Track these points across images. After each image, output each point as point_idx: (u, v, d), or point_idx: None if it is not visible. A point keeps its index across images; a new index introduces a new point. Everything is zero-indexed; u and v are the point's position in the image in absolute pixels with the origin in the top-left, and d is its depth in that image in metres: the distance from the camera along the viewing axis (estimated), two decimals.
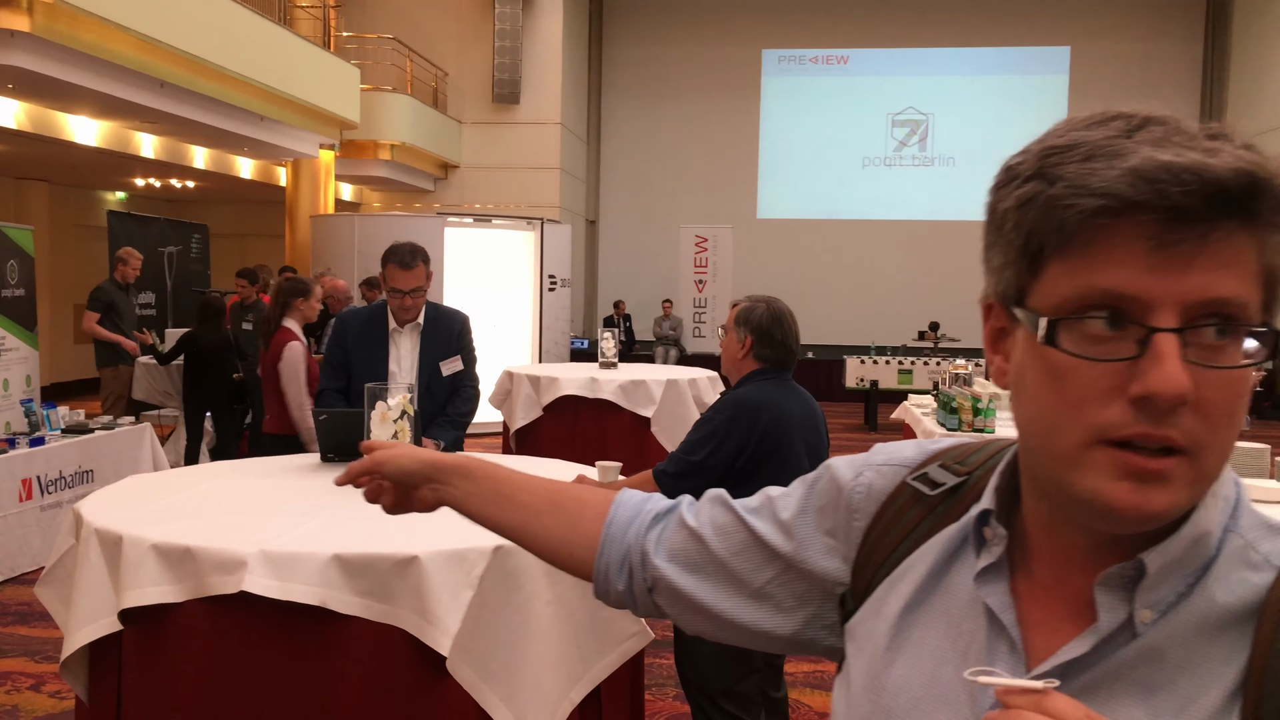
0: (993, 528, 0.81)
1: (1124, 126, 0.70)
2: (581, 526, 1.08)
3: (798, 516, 0.97)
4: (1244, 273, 0.68)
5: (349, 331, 3.88)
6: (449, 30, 16.47)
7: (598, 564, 1.06)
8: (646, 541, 1.04)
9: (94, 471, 6.26)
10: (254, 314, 8.68)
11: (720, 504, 1.03)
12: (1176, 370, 0.66)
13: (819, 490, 0.97)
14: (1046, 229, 0.71)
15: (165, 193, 16.11)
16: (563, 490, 1.12)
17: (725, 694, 2.82)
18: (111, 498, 2.71)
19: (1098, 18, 18.06)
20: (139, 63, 8.34)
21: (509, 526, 1.11)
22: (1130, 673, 0.72)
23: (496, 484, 1.12)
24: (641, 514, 1.07)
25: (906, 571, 0.88)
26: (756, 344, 2.92)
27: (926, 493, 0.90)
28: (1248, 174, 0.66)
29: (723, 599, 0.99)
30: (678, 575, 1.01)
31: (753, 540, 0.99)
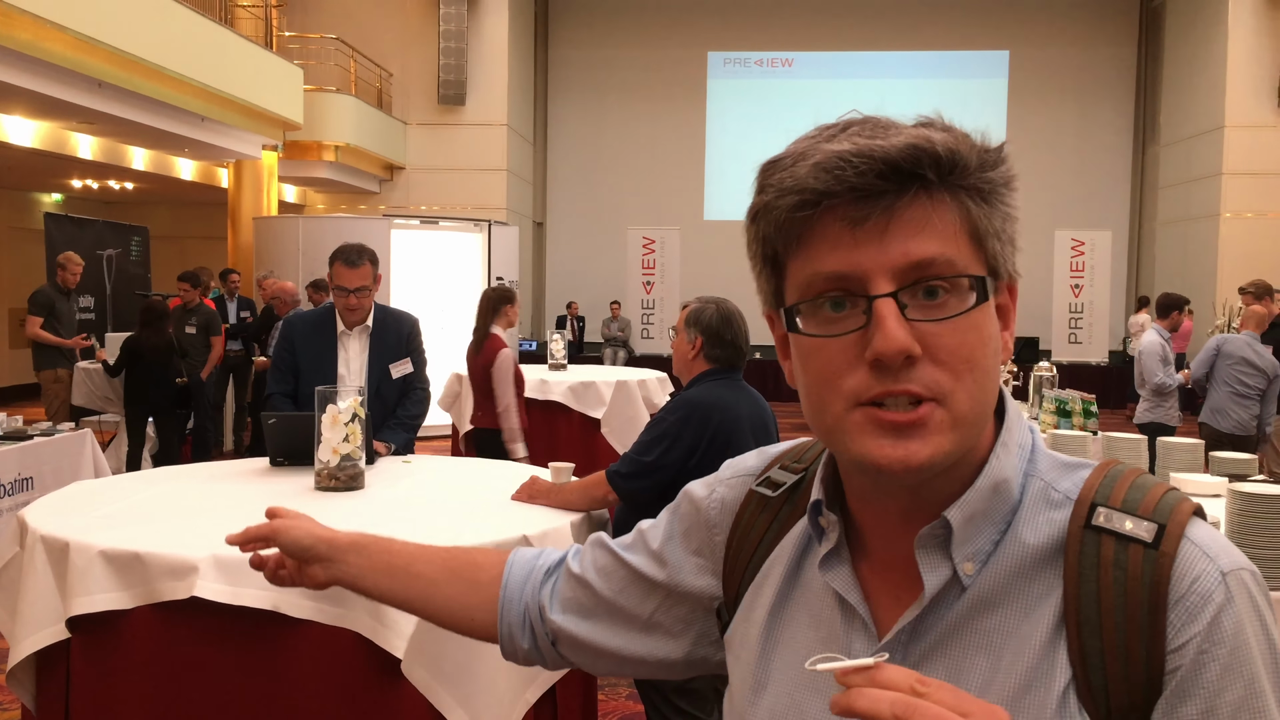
0: (825, 516, 0.85)
1: (829, 132, 0.78)
2: (480, 591, 1.09)
3: (666, 543, 1.02)
4: (945, 234, 0.75)
5: (296, 335, 3.84)
6: (393, 30, 16.34)
7: (500, 626, 1.08)
8: (542, 596, 1.07)
9: (34, 479, 6.12)
10: (197, 317, 8.56)
11: (599, 546, 1.07)
12: (894, 329, 0.73)
13: (681, 515, 1.02)
14: (772, 233, 0.79)
15: (103, 194, 15.80)
16: (457, 556, 1.12)
17: (678, 691, 2.84)
18: (57, 504, 2.67)
19: (1036, 24, 18.42)
20: (76, 62, 8.17)
21: (408, 598, 1.10)
22: (968, 624, 0.77)
23: (390, 556, 1.11)
24: (534, 570, 1.09)
25: (766, 575, 0.92)
26: (707, 345, 2.95)
27: (770, 495, 0.95)
28: (915, 148, 0.73)
29: (617, 638, 1.03)
30: (574, 624, 1.05)
31: (632, 575, 1.03)
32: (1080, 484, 0.79)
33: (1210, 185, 15.53)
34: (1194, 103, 16.21)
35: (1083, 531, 0.76)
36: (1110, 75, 18.48)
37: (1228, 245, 15.22)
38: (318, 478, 2.89)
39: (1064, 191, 18.46)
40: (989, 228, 0.78)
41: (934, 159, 0.74)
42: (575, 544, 1.11)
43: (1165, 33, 17.55)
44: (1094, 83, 18.48)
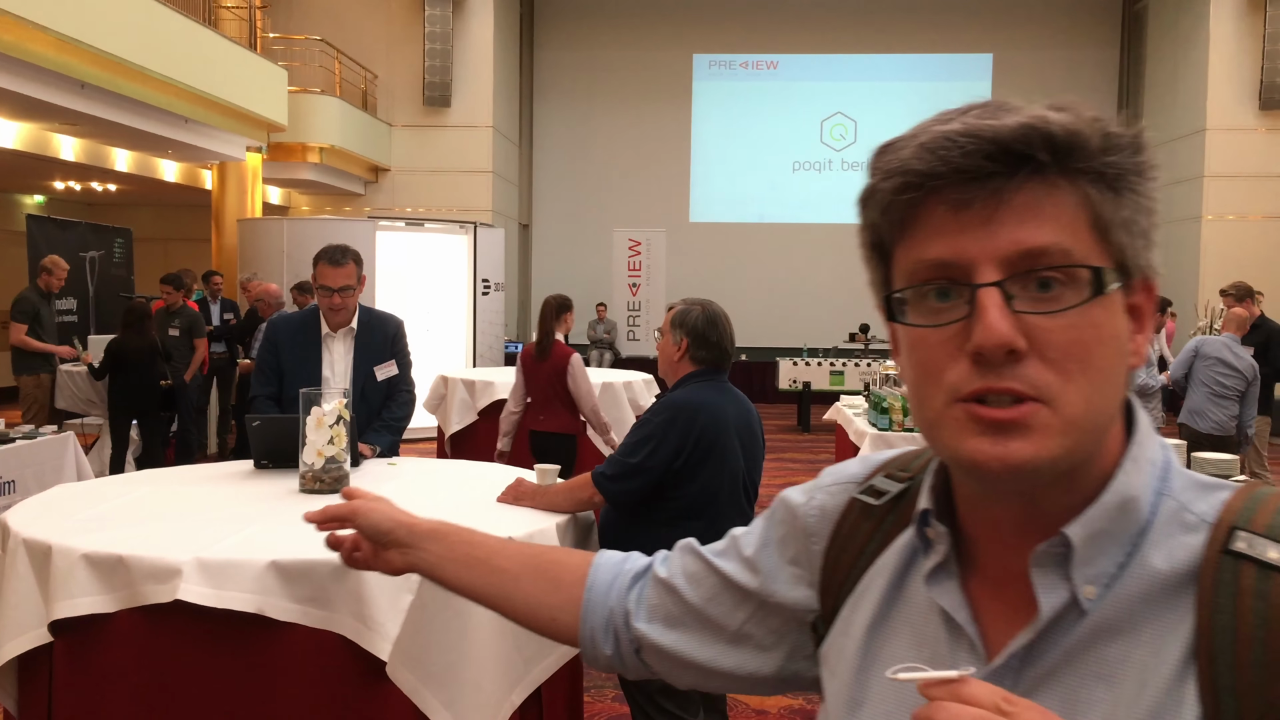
0: (933, 527, 0.79)
1: (948, 115, 0.74)
2: (562, 590, 1.06)
3: (760, 550, 0.97)
4: (1061, 221, 0.70)
5: (280, 337, 3.83)
6: (378, 32, 16.31)
7: (582, 630, 1.04)
8: (628, 602, 1.03)
9: (15, 482, 6.08)
10: (180, 320, 8.52)
11: (689, 552, 1.02)
12: (996, 320, 0.68)
13: (777, 521, 0.97)
14: (877, 218, 0.76)
15: (86, 196, 15.71)
16: (540, 553, 1.10)
17: (664, 692, 2.85)
18: (40, 507, 2.65)
19: (1019, 26, 18.53)
20: (58, 63, 8.13)
21: (486, 593, 1.07)
22: (1086, 653, 0.71)
23: (470, 548, 1.09)
24: (620, 574, 1.05)
25: (867, 587, 0.87)
26: (692, 346, 2.96)
27: (873, 504, 0.89)
28: (1028, 128, 0.69)
29: (705, 649, 0.99)
30: (659, 634, 1.00)
31: (722, 583, 0.98)
32: (1219, 506, 0.72)
33: (1192, 188, 15.65)
34: (1176, 106, 16.33)
35: (1220, 557, 0.70)
36: (1093, 78, 18.61)
37: (1210, 247, 15.34)
38: (302, 480, 2.88)
39: None
40: (1115, 217, 0.71)
41: (1048, 140, 0.69)
42: (663, 550, 1.06)
43: (1147, 36, 17.68)
44: (1077, 86, 18.58)
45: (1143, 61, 17.84)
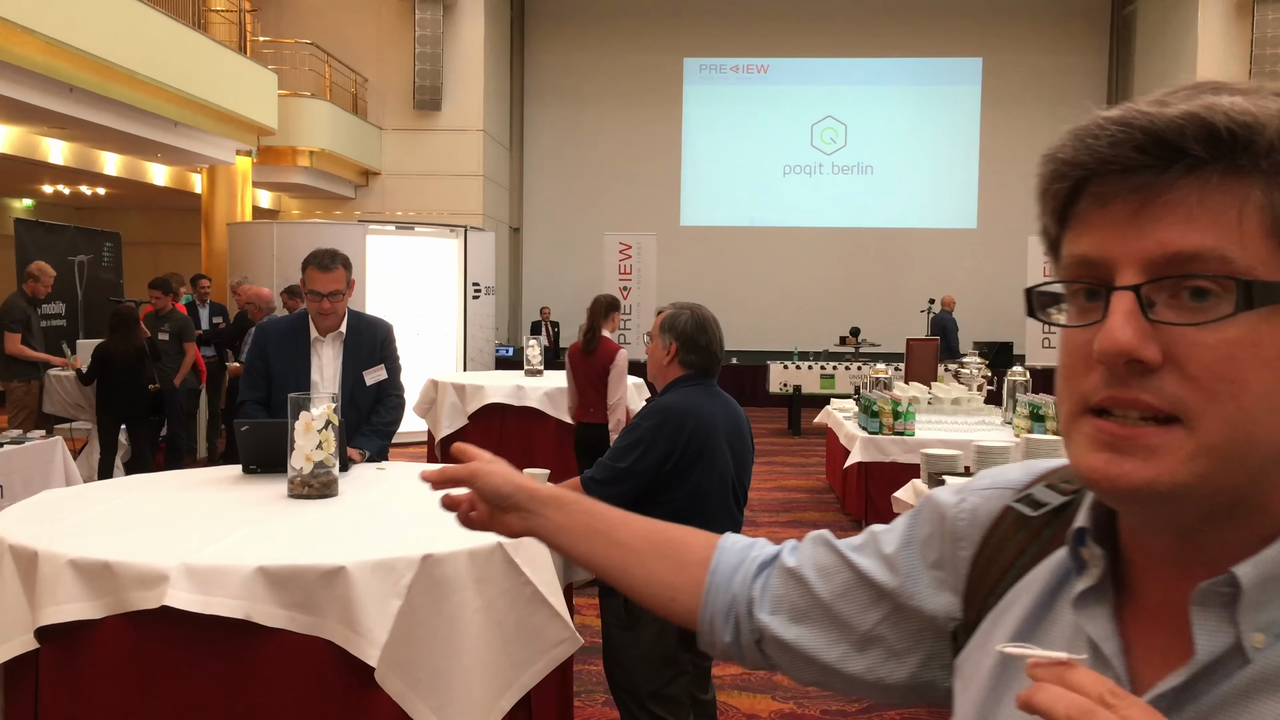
0: (1089, 547, 0.72)
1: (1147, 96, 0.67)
2: (685, 571, 1.03)
3: (902, 550, 0.92)
4: (1222, 223, 0.62)
5: (269, 341, 3.82)
6: (369, 36, 16.29)
7: (702, 614, 1.01)
8: (753, 590, 0.99)
9: (3, 487, 6.05)
10: (169, 324, 8.49)
11: (822, 544, 0.98)
12: (1118, 326, 0.63)
13: (922, 520, 0.91)
14: (1040, 208, 0.72)
15: (75, 200, 15.66)
16: (662, 530, 1.07)
17: (654, 697, 2.85)
18: (25, 513, 2.64)
19: (1008, 31, 18.61)
20: (46, 66, 8.10)
21: (606, 565, 1.06)
22: (1245, 704, 0.63)
23: (591, 518, 1.07)
24: (746, 561, 1.01)
25: (1013, 602, 0.80)
26: (681, 350, 2.96)
27: (1030, 515, 0.82)
28: (1189, 116, 0.62)
29: (831, 648, 0.94)
30: (783, 627, 0.96)
31: (857, 579, 0.93)
32: None
33: None
34: None
35: None
36: (1082, 82, 18.68)
37: None
38: (291, 485, 2.87)
39: None
40: None
41: (1209, 132, 0.62)
42: (790, 540, 1.03)
43: (1136, 40, 17.77)
44: (1066, 89, 18.66)
45: (1131, 65, 17.93)
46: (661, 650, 2.83)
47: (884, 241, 18.87)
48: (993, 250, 18.55)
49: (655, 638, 2.82)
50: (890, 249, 18.80)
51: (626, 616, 2.86)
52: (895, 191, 18.96)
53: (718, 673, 3.94)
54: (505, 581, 2.41)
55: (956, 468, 4.38)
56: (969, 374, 7.32)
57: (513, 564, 2.42)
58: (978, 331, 16.89)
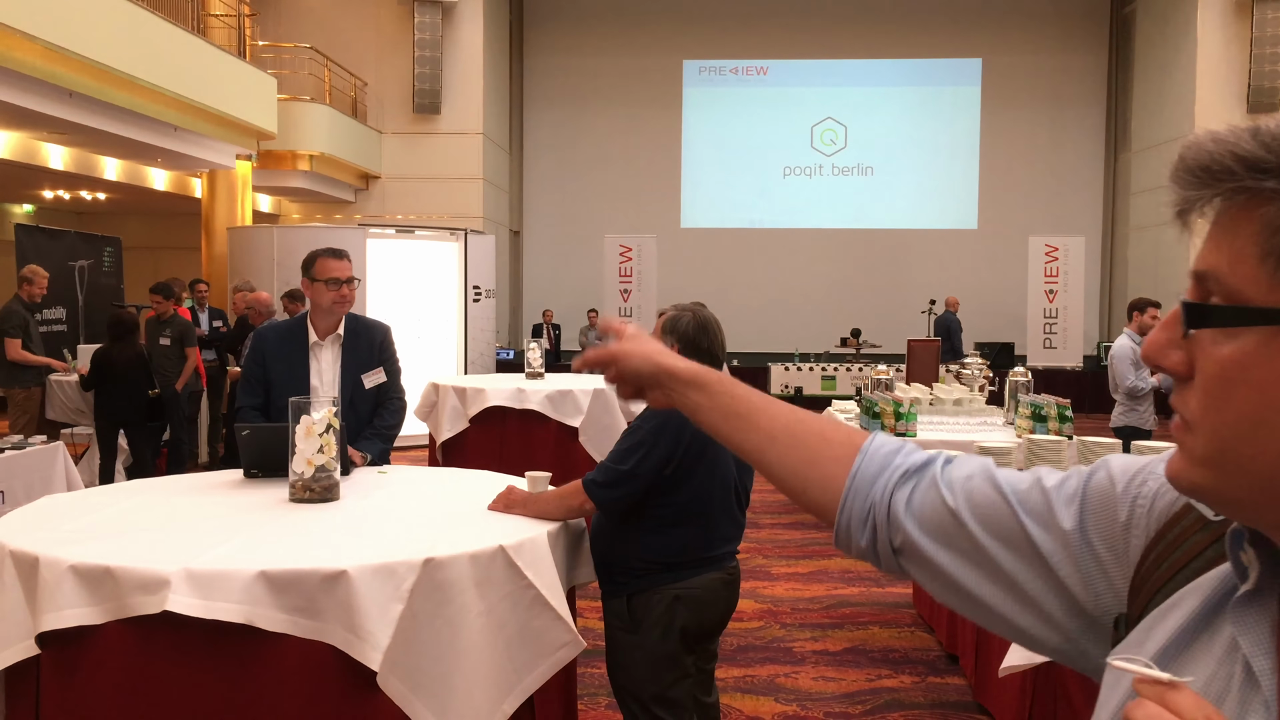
0: (1246, 551, 0.70)
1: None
2: (819, 466, 1.04)
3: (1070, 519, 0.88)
4: (1232, 246, 0.66)
5: (268, 347, 3.80)
6: (368, 40, 16.30)
7: (840, 516, 1.01)
8: (895, 501, 0.98)
9: (4, 493, 6.05)
10: (171, 328, 8.48)
11: (986, 479, 0.94)
12: (1154, 334, 0.71)
13: (1092, 493, 0.88)
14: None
15: (75, 205, 15.66)
16: (803, 421, 1.08)
17: (657, 700, 2.84)
18: (26, 518, 2.64)
19: (1007, 31, 18.61)
20: (46, 72, 8.11)
21: (743, 446, 1.08)
22: None
23: (733, 401, 1.10)
24: (891, 468, 1.00)
25: (1178, 603, 0.77)
26: (683, 352, 2.95)
27: (1213, 517, 0.79)
28: (1219, 143, 0.66)
29: (981, 583, 0.91)
30: (931, 547, 0.94)
31: (1018, 533, 0.90)
32: None
33: None
34: (1164, 109, 16.40)
35: None
36: (1082, 82, 18.68)
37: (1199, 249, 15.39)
38: (292, 489, 2.87)
39: (1037, 198, 18.63)
40: None
41: (1221, 162, 0.66)
42: (943, 451, 1.02)
43: (1136, 40, 17.76)
44: (1066, 90, 18.67)
45: (1131, 65, 17.92)
46: (665, 653, 2.82)
47: (884, 242, 18.87)
48: (993, 251, 18.55)
49: (659, 640, 2.81)
50: (891, 250, 18.80)
51: (630, 619, 2.85)
52: (896, 192, 18.96)
53: (721, 675, 3.94)
54: (507, 585, 2.41)
55: None
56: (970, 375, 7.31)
57: (514, 567, 2.42)
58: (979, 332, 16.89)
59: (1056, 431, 5.49)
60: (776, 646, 4.91)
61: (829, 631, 5.14)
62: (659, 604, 2.81)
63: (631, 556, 2.84)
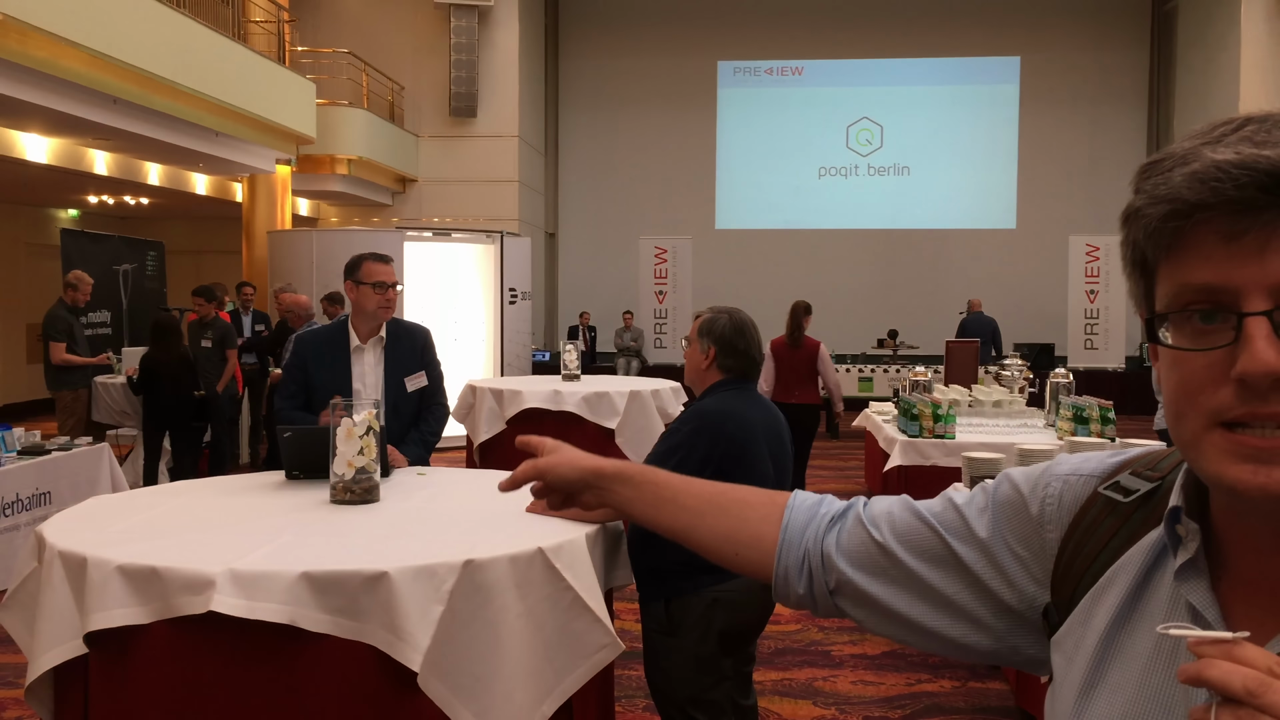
0: (1184, 524, 0.80)
1: (1220, 132, 0.73)
2: (748, 527, 1.11)
3: (984, 528, 0.96)
4: None
5: (309, 352, 3.82)
6: (405, 44, 16.43)
7: (777, 568, 1.08)
8: (825, 544, 1.05)
9: (51, 493, 6.16)
10: (213, 331, 8.59)
11: (905, 509, 1.02)
12: (1263, 349, 0.69)
13: (1001, 502, 0.96)
14: (1142, 239, 0.77)
15: (119, 210, 15.91)
16: (724, 493, 1.16)
17: (695, 702, 2.83)
18: (74, 519, 2.68)
19: (1047, 28, 18.40)
20: (91, 79, 8.24)
21: (674, 529, 1.16)
22: None
23: (657, 489, 1.18)
24: (817, 517, 1.08)
25: (1110, 581, 0.86)
26: (720, 355, 2.95)
27: (1121, 500, 0.89)
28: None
29: (913, 605, 0.99)
30: (864, 580, 1.01)
31: (941, 550, 0.98)
32: None
33: None
34: (1208, 107, 16.14)
35: None
36: (1123, 80, 18.44)
37: None
38: (333, 491, 2.89)
39: (1077, 197, 18.41)
40: None
41: None
42: (859, 495, 1.09)
43: (1178, 37, 17.50)
44: (1106, 87, 18.43)
45: (1173, 63, 17.66)
46: (702, 655, 2.82)
47: (922, 243, 18.73)
48: (1032, 251, 18.36)
49: (696, 643, 2.81)
50: (928, 250, 18.65)
51: (668, 622, 2.85)
52: (933, 192, 18.81)
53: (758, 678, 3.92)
54: (546, 587, 2.41)
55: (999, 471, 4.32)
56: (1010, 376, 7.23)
57: (553, 569, 2.42)
58: (1018, 333, 16.72)
59: (1099, 433, 5.42)
60: (814, 650, 4.89)
61: (867, 635, 5.11)
62: (697, 607, 2.81)
63: (669, 559, 2.84)
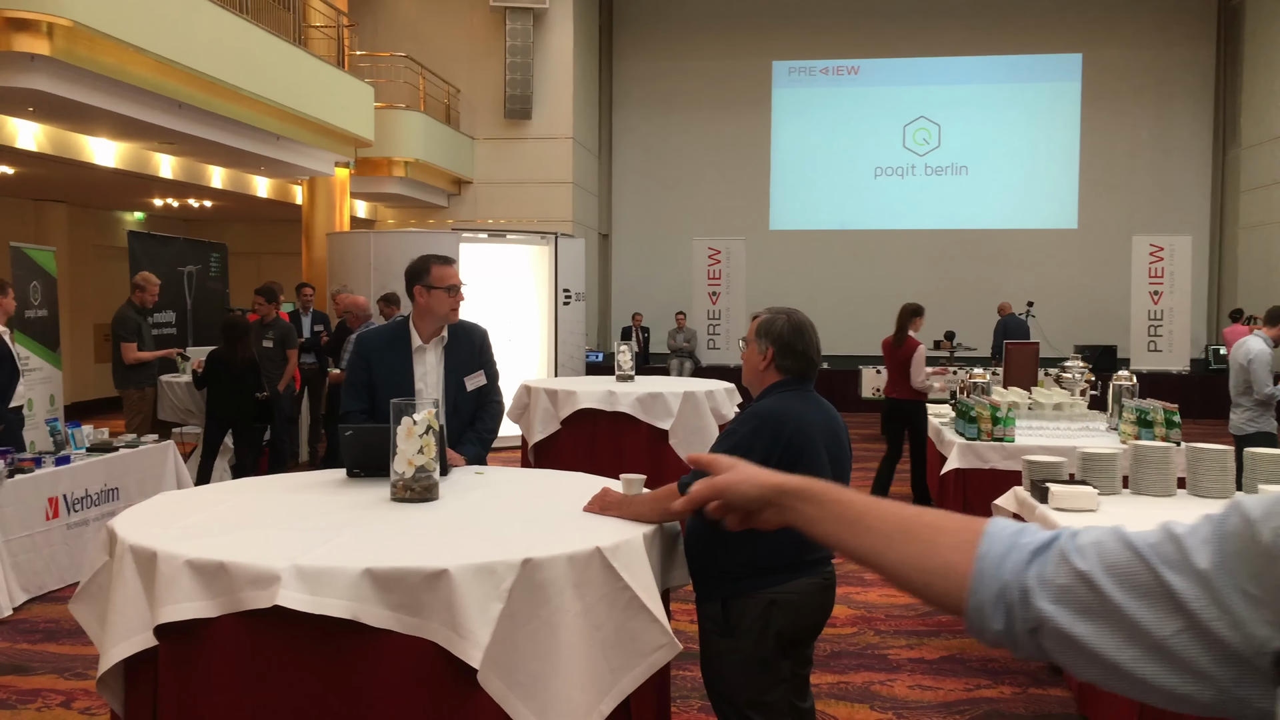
0: None
1: None
2: (938, 555, 1.04)
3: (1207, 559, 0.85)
4: None
5: (371, 352, 3.85)
6: (461, 47, 16.58)
7: (970, 601, 1.00)
8: (1027, 579, 0.95)
9: (119, 489, 6.31)
10: (274, 331, 8.74)
11: (1115, 539, 0.92)
12: None
13: (1229, 532, 0.85)
14: None
15: (183, 212, 16.25)
16: (915, 516, 1.09)
17: (752, 704, 2.82)
18: (144, 514, 2.74)
19: (1109, 25, 18.06)
20: (157, 84, 8.43)
21: (859, 551, 1.10)
22: None
23: (842, 508, 1.13)
24: (1017, 547, 0.98)
25: None
26: (778, 355, 2.93)
27: None
28: None
29: (1121, 649, 0.88)
30: (1067, 619, 0.92)
31: (1153, 583, 0.87)
32: None
33: None
34: (1276, 104, 15.74)
35: None
36: (1188, 76, 18.04)
37: None
38: (393, 489, 2.93)
39: (1141, 196, 18.05)
40: None
41: None
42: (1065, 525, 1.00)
43: (1244, 32, 17.08)
44: (1171, 84, 18.05)
45: (1240, 60, 17.24)
46: (760, 657, 2.81)
47: (980, 243, 18.48)
48: (1094, 251, 18.04)
49: (753, 645, 2.80)
50: (986, 251, 18.40)
51: (725, 623, 2.84)
52: (991, 192, 18.56)
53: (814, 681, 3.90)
54: (604, 586, 2.42)
55: (1061, 475, 4.25)
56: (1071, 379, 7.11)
57: (611, 569, 2.43)
58: (1079, 335, 16.44)
59: (1163, 437, 5.30)
60: (871, 654, 4.85)
61: (925, 639, 5.06)
62: (754, 608, 2.80)
63: (727, 560, 2.83)
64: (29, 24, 7.05)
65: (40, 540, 5.67)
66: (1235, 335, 13.24)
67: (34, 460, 5.79)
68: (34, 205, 14.07)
